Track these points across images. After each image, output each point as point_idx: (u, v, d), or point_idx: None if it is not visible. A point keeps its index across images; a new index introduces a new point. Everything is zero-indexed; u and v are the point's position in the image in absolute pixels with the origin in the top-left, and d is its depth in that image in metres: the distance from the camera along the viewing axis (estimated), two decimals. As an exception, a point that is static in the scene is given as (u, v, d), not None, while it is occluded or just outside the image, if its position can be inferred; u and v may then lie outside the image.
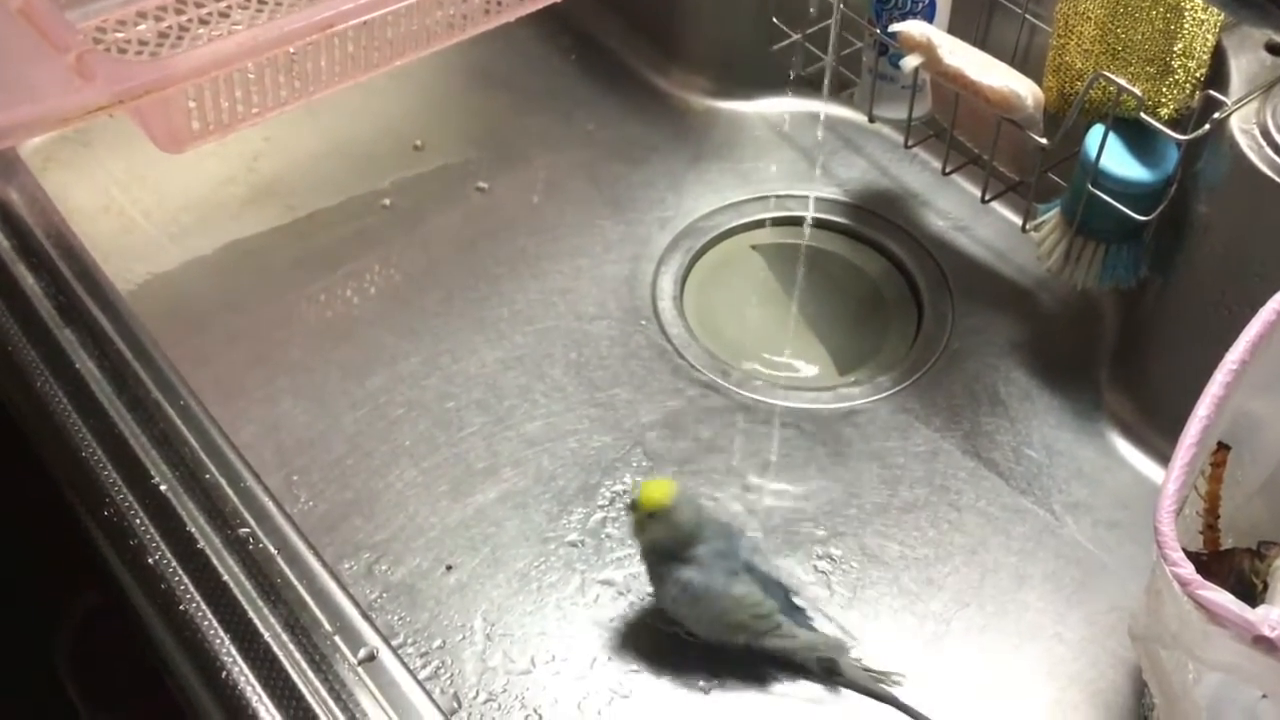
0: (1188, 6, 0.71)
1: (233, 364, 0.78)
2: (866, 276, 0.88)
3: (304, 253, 0.86)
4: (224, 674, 0.53)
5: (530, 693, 0.65)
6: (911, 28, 0.78)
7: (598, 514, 0.72)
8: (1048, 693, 0.66)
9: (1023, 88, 0.75)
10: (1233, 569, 0.60)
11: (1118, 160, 0.73)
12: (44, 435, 0.62)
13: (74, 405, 0.62)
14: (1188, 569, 0.49)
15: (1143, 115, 0.72)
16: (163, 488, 0.59)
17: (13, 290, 0.67)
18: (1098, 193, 0.73)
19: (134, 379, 0.64)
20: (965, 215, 0.90)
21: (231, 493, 0.59)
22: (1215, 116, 0.70)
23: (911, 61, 0.77)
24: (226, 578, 0.56)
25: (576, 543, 0.71)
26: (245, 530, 0.58)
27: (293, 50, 0.73)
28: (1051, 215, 0.79)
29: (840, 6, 0.86)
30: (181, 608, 0.55)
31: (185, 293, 0.82)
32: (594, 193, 0.92)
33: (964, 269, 0.87)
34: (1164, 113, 0.73)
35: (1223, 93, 0.72)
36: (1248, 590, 0.59)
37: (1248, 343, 0.56)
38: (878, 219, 0.91)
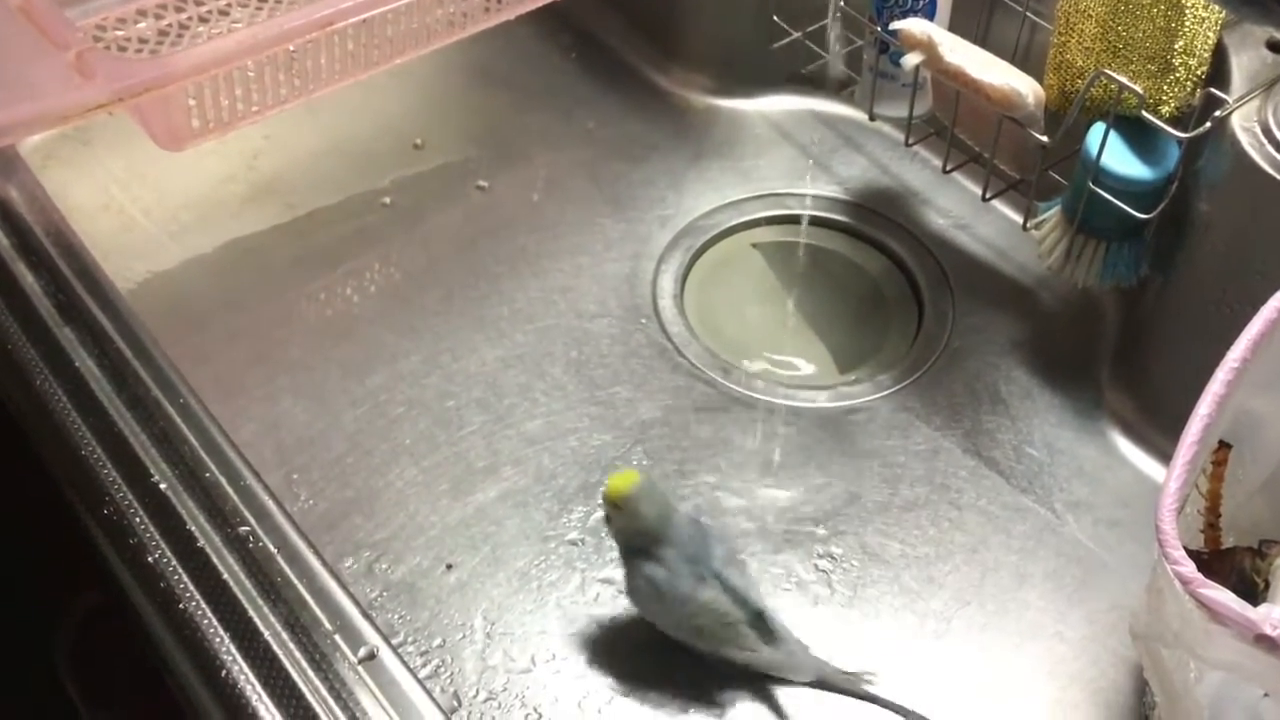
0: (1189, 4, 0.71)
1: (232, 362, 0.78)
2: (867, 275, 0.88)
3: (304, 251, 0.86)
4: (224, 673, 0.53)
5: (531, 691, 0.65)
6: (912, 25, 0.78)
7: (598, 512, 0.72)
8: (1049, 691, 0.66)
9: (1024, 85, 0.75)
10: (1234, 567, 0.60)
11: (1119, 158, 0.73)
12: (43, 434, 0.62)
13: (73, 404, 0.62)
14: (1189, 567, 0.49)
15: (1144, 113, 0.72)
16: (162, 486, 0.59)
17: (12, 288, 0.67)
18: (1099, 191, 0.73)
19: (133, 377, 0.64)
20: (966, 213, 0.90)
21: (231, 491, 0.59)
22: (1216, 114, 0.70)
23: (912, 59, 0.77)
24: (226, 576, 0.56)
25: (577, 541, 0.71)
26: (245, 529, 0.58)
27: (292, 48, 0.73)
28: (1052, 213, 0.79)
29: (841, 4, 0.86)
30: (181, 606, 0.55)
31: (185, 291, 0.82)
32: (594, 191, 0.92)
33: (965, 267, 0.87)
34: (1165, 110, 0.73)
35: (1224, 90, 0.72)
36: (1249, 589, 0.59)
37: (1249, 341, 0.56)
38: (878, 217, 0.90)
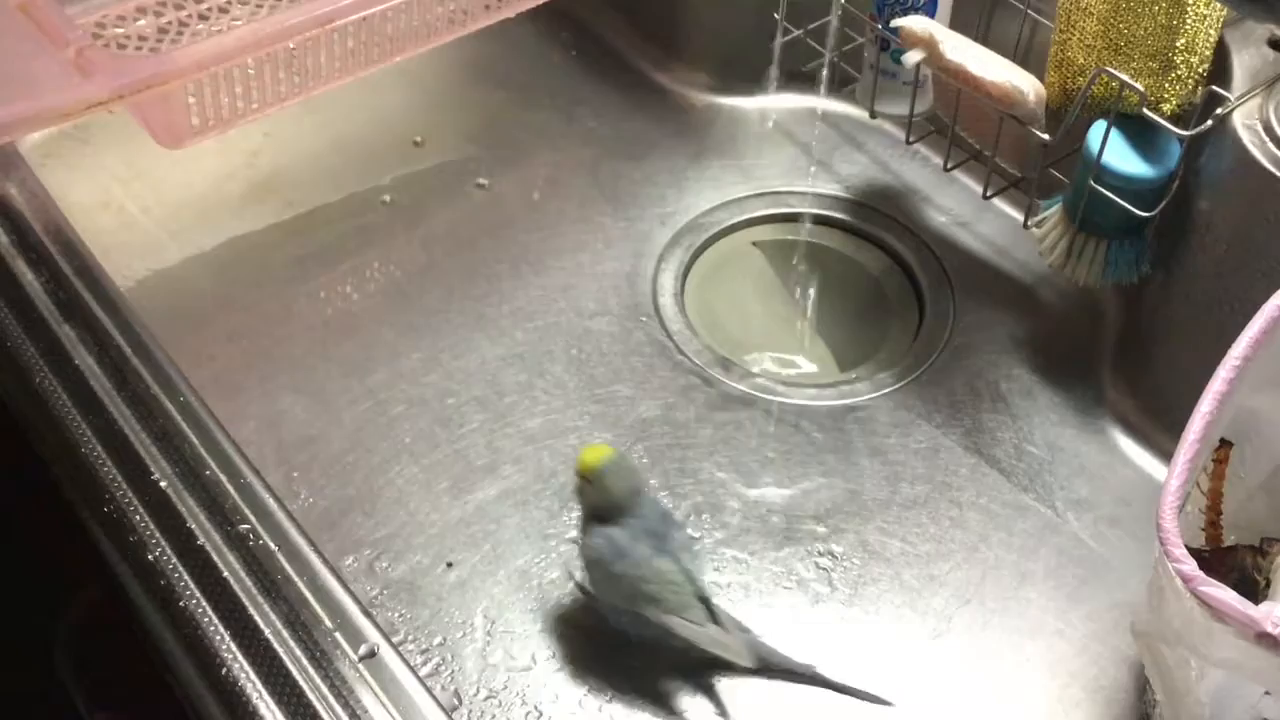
0: (1190, 2, 0.71)
1: (232, 360, 0.78)
2: (868, 273, 0.88)
3: (304, 249, 0.85)
4: (224, 671, 0.53)
5: (531, 689, 0.65)
6: (913, 23, 0.77)
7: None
8: (1049, 690, 0.66)
9: (1025, 83, 0.75)
10: (1235, 566, 0.60)
11: (1120, 156, 0.73)
12: (43, 431, 0.62)
13: (74, 402, 0.62)
14: (1191, 565, 0.49)
15: (1145, 111, 0.72)
16: (163, 484, 0.59)
17: (12, 286, 0.67)
18: (1100, 189, 0.73)
19: (134, 375, 0.64)
20: (967, 211, 0.90)
21: (232, 489, 0.59)
22: (1218, 112, 0.70)
23: (913, 57, 0.77)
24: (227, 574, 0.56)
25: (577, 540, 0.71)
26: (245, 527, 0.58)
27: (292, 46, 0.73)
28: (1053, 211, 0.79)
29: (842, 2, 0.86)
30: (181, 604, 0.55)
31: (185, 289, 0.82)
32: (595, 189, 0.92)
33: (965, 265, 0.87)
34: (1166, 108, 0.73)
35: (1225, 88, 0.71)
36: (1250, 587, 0.59)
37: (1250, 339, 0.56)
38: (879, 215, 0.90)
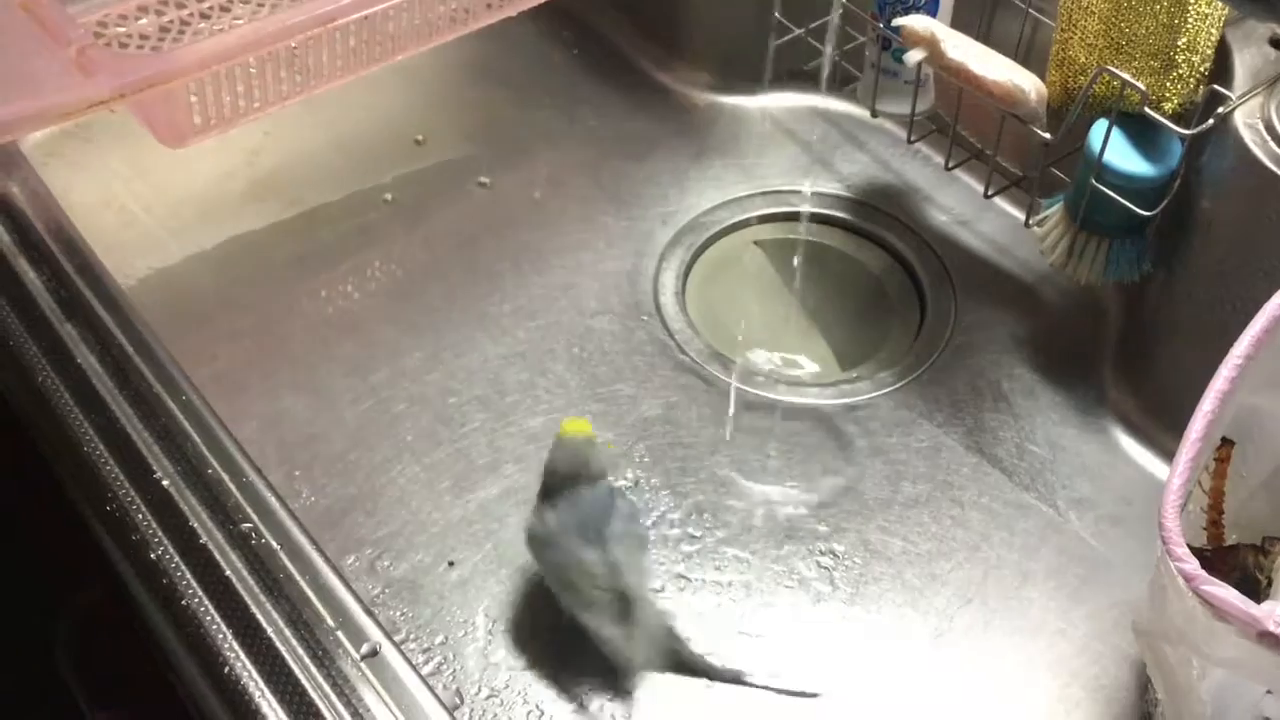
0: (1191, 0, 0.71)
1: (234, 359, 0.78)
2: (869, 272, 0.88)
3: (305, 248, 0.85)
4: (226, 669, 0.53)
5: (533, 689, 0.65)
6: (915, 22, 0.77)
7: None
8: (1051, 689, 0.66)
9: (1026, 82, 0.75)
10: (1237, 565, 0.60)
11: (1121, 155, 0.73)
12: (45, 430, 0.62)
13: (76, 400, 0.62)
14: (1192, 564, 0.48)
15: (1147, 110, 0.72)
16: (165, 483, 0.59)
17: (14, 284, 0.67)
18: (1101, 188, 0.73)
19: (136, 374, 0.64)
20: (968, 210, 0.90)
21: (234, 488, 0.59)
22: (1219, 111, 0.70)
23: (914, 56, 0.77)
24: (229, 573, 0.56)
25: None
26: (248, 525, 0.58)
27: (294, 45, 0.73)
28: (1055, 210, 0.79)
29: (843, 1, 0.86)
30: (184, 603, 0.55)
31: (186, 287, 0.82)
32: (596, 188, 0.91)
33: (967, 264, 0.87)
34: (1168, 107, 0.73)
35: (1227, 87, 0.71)
36: (1252, 586, 0.59)
37: (1252, 338, 0.56)
38: (880, 214, 0.90)
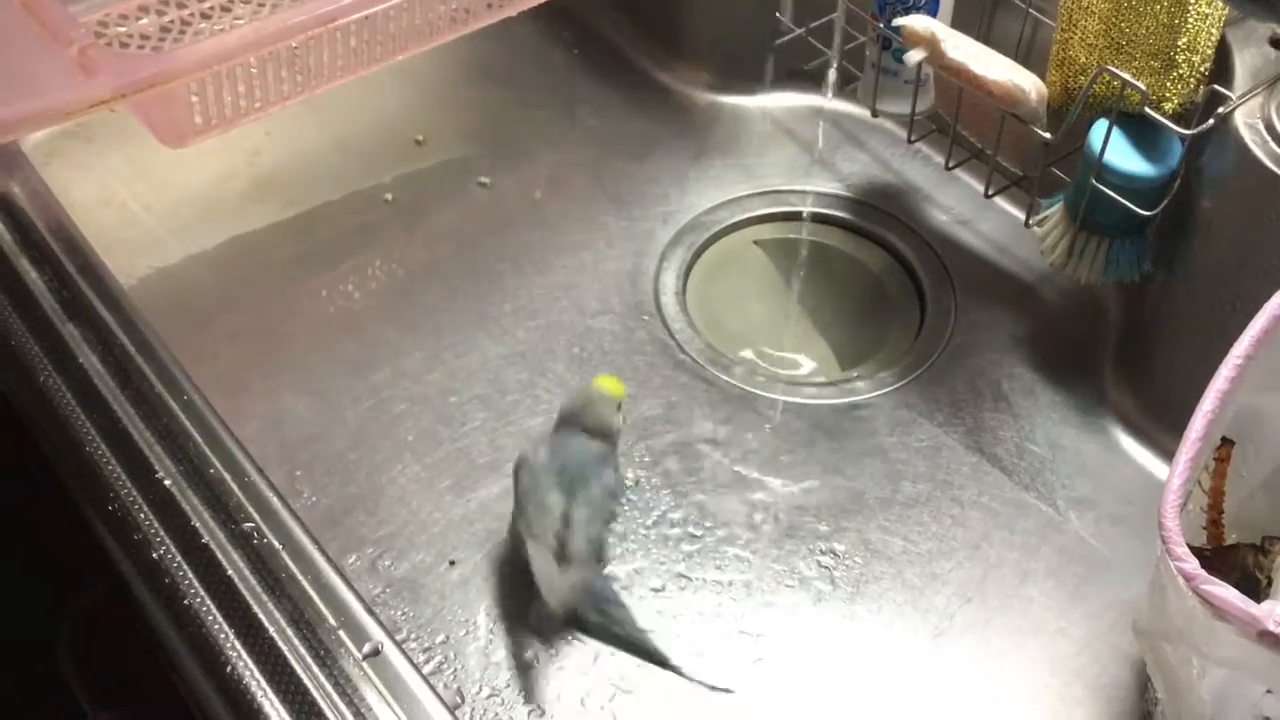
0: (1191, 0, 0.71)
1: (235, 359, 0.78)
2: (869, 271, 0.88)
3: (306, 248, 0.86)
4: (229, 669, 0.53)
5: (534, 687, 0.65)
6: (915, 22, 0.77)
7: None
8: (1051, 688, 0.66)
9: (1026, 82, 0.75)
10: (1237, 564, 0.60)
11: (1122, 155, 0.73)
12: (47, 430, 0.62)
13: (77, 400, 0.62)
14: (1192, 564, 0.49)
15: (1147, 110, 0.72)
16: (167, 482, 0.59)
17: (16, 284, 0.68)
18: (1101, 187, 0.73)
19: (137, 373, 0.64)
20: (968, 210, 0.90)
21: (235, 487, 0.59)
22: (1220, 111, 0.70)
23: (915, 56, 0.77)
24: (231, 572, 0.56)
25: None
26: (249, 525, 0.58)
27: (295, 45, 0.73)
28: (1055, 210, 0.79)
29: (844, 1, 0.86)
30: (186, 602, 0.55)
31: (187, 287, 0.82)
32: (596, 188, 0.92)
33: (967, 264, 0.87)
34: (1168, 107, 0.73)
35: (1227, 87, 0.71)
36: (1252, 585, 0.59)
37: (1253, 337, 0.56)
38: (880, 214, 0.90)
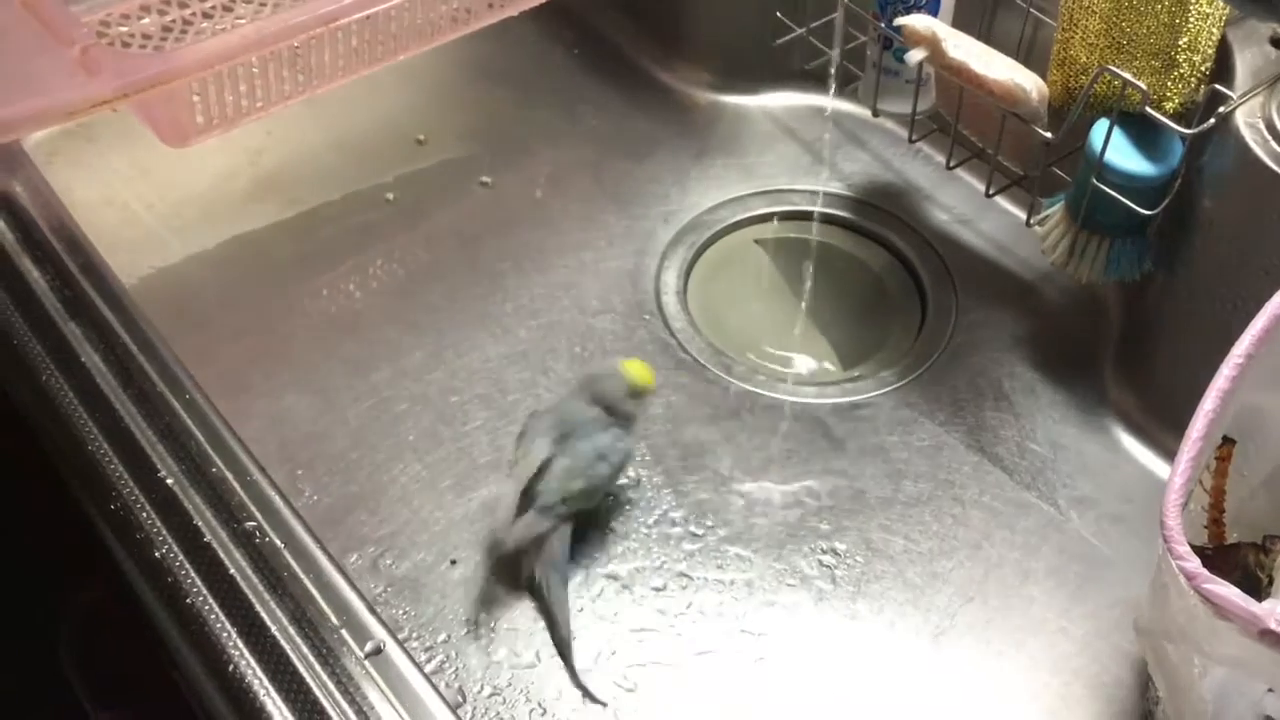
0: (1192, 0, 0.71)
1: (237, 358, 0.78)
2: (870, 271, 0.88)
3: (307, 247, 0.86)
4: (231, 667, 0.53)
5: (535, 686, 0.65)
6: (916, 21, 0.78)
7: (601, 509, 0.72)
8: (1052, 687, 0.66)
9: (1027, 82, 0.75)
10: (1238, 563, 0.60)
11: (1122, 154, 0.73)
12: (50, 429, 0.62)
13: (80, 399, 0.62)
14: (1194, 563, 0.49)
15: (1148, 109, 0.72)
16: (169, 481, 0.59)
17: (18, 283, 0.68)
18: (1102, 187, 0.73)
19: (139, 373, 0.64)
20: (969, 209, 0.90)
21: (237, 486, 0.59)
22: (1220, 110, 0.70)
23: (916, 55, 0.77)
24: (233, 571, 0.56)
25: (580, 537, 0.71)
26: (251, 524, 0.58)
27: (296, 44, 0.73)
28: (1056, 209, 0.79)
29: (844, 0, 0.86)
30: (188, 601, 0.55)
31: (189, 287, 0.82)
32: (597, 187, 0.92)
33: (968, 263, 0.87)
34: (1169, 107, 0.73)
35: (1228, 87, 0.71)
36: (1253, 584, 0.59)
37: (1253, 337, 0.56)
38: (881, 213, 0.90)
